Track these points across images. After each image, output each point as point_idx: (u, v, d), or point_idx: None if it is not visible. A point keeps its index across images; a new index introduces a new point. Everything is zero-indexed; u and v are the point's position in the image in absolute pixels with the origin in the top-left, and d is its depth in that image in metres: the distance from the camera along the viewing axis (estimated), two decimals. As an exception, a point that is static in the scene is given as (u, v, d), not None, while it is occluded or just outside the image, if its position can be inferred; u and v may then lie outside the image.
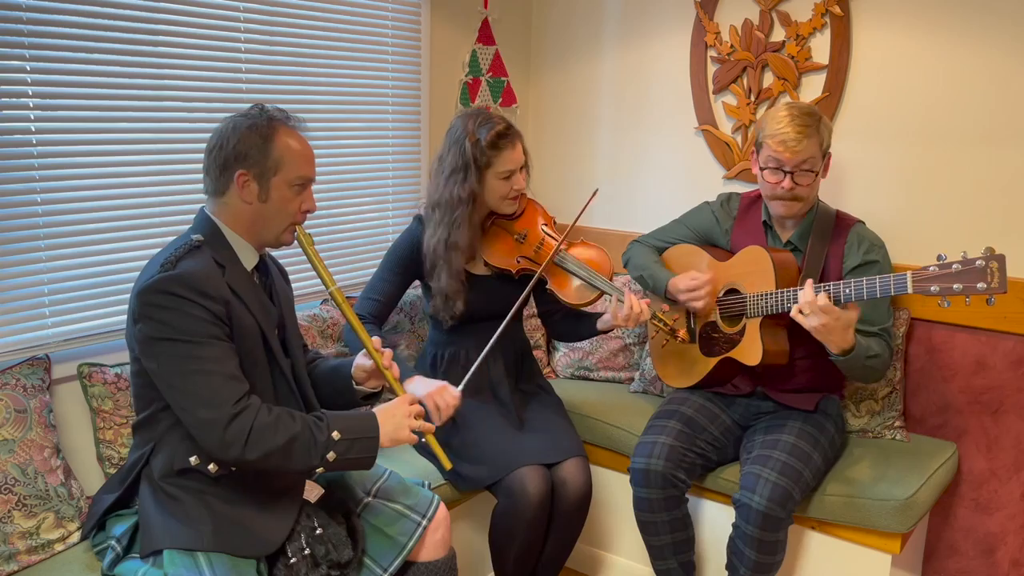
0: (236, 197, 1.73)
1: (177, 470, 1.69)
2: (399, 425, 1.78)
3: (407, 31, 2.90)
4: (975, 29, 2.44)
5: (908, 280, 1.94)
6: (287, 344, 1.87)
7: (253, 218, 1.75)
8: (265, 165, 1.71)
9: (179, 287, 1.60)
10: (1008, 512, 2.53)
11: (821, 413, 2.34)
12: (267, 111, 1.76)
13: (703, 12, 2.90)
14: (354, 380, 1.94)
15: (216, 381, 1.61)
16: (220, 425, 1.59)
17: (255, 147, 1.70)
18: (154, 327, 1.61)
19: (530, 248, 2.36)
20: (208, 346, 1.61)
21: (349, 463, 1.73)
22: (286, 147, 1.73)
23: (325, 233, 2.73)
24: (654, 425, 2.36)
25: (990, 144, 2.46)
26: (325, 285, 1.84)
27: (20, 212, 1.99)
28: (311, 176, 1.79)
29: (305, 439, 1.66)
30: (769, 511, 2.08)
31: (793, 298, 2.14)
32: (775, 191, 2.25)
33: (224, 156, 1.71)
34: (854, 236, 2.30)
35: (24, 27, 1.95)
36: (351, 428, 1.72)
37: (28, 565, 1.82)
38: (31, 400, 1.92)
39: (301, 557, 1.75)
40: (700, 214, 2.57)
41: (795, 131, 2.17)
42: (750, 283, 2.29)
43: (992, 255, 1.85)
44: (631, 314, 2.21)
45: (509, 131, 2.28)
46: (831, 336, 2.02)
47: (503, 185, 2.29)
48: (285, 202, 1.75)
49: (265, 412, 1.64)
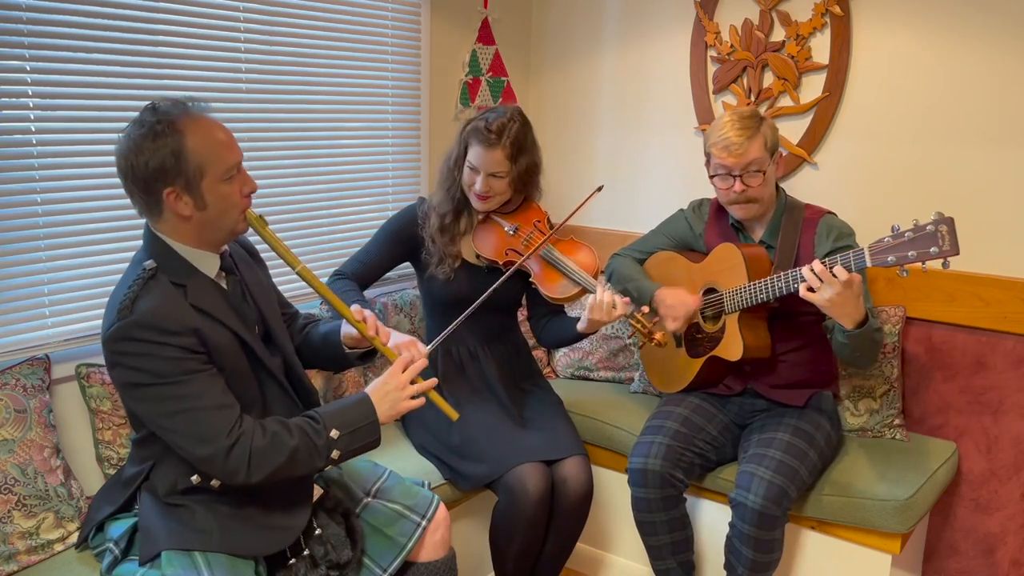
0: (172, 215, 1.61)
1: (180, 490, 1.68)
2: (395, 399, 1.74)
3: (407, 31, 2.90)
4: (975, 29, 2.44)
5: (866, 253, 1.96)
6: (272, 336, 1.84)
7: (199, 228, 1.64)
8: (188, 173, 1.56)
9: (140, 331, 1.53)
10: (1008, 512, 2.53)
11: (815, 410, 2.34)
12: (160, 111, 1.58)
13: (703, 12, 2.90)
14: (345, 346, 1.91)
15: (203, 417, 1.57)
16: (219, 458, 1.57)
17: (168, 160, 1.55)
18: (128, 374, 1.57)
19: (519, 241, 2.38)
20: (186, 383, 1.57)
21: (355, 453, 1.72)
22: (201, 144, 1.57)
23: (325, 233, 2.73)
24: (651, 425, 2.36)
25: (990, 144, 2.46)
26: (291, 266, 1.74)
27: (20, 212, 2.00)
28: (238, 159, 1.64)
29: (306, 448, 1.64)
30: (765, 509, 2.08)
31: (764, 288, 2.17)
32: (728, 196, 2.28)
33: (141, 178, 1.56)
34: (823, 226, 2.32)
35: (24, 27, 1.95)
36: (348, 421, 1.70)
37: (28, 565, 1.82)
38: (31, 400, 1.92)
39: (300, 558, 1.75)
40: (675, 222, 2.58)
41: (736, 135, 2.21)
42: (725, 280, 2.32)
43: (942, 219, 1.87)
44: (600, 304, 2.19)
45: (491, 135, 2.26)
46: (845, 307, 1.99)
47: (468, 175, 2.34)
48: (224, 198, 1.62)
49: (260, 434, 1.61)
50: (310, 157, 2.65)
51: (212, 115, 1.64)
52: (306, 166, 2.64)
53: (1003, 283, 2.45)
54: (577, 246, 2.37)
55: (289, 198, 2.61)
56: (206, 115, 1.63)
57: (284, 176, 2.59)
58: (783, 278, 2.15)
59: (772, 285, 2.17)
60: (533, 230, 2.38)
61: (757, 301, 2.21)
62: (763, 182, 2.25)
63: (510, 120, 2.28)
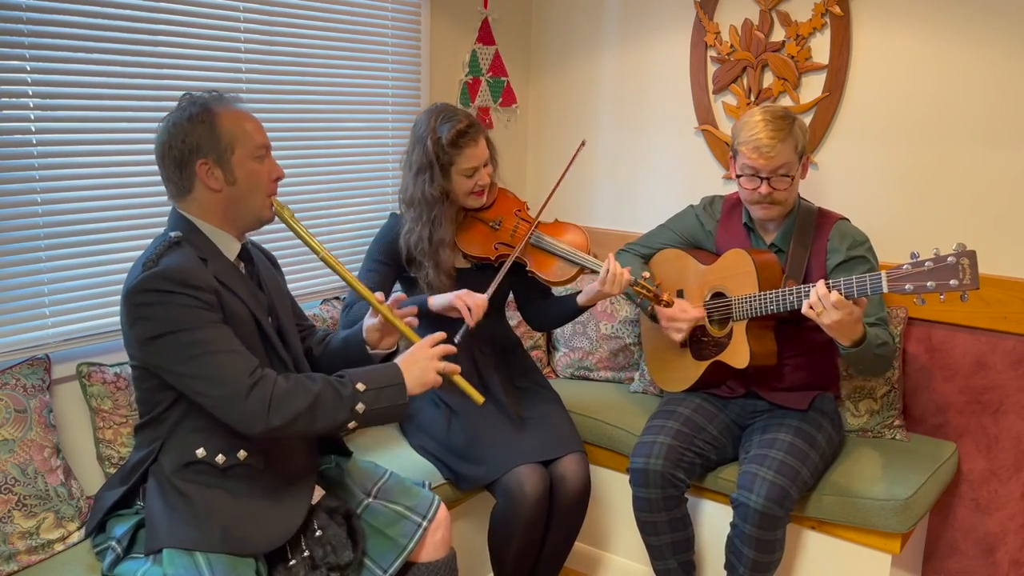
0: (203, 189, 1.70)
1: (185, 463, 1.69)
2: (424, 368, 1.76)
3: (407, 31, 2.90)
4: (975, 29, 2.44)
5: (883, 280, 1.96)
6: (284, 334, 1.86)
7: (227, 204, 1.73)
8: (220, 148, 1.68)
9: (165, 282, 1.59)
10: (1008, 512, 2.53)
11: (817, 411, 2.34)
12: (197, 99, 1.72)
13: (703, 12, 2.90)
14: (368, 345, 1.92)
15: (224, 359, 1.61)
16: (239, 399, 1.59)
17: (203, 135, 1.67)
18: (149, 326, 1.61)
19: (506, 233, 2.38)
20: (207, 329, 1.61)
21: (380, 414, 1.72)
22: (232, 123, 1.70)
23: (326, 233, 2.73)
24: (652, 425, 2.36)
25: (990, 144, 2.46)
26: (315, 252, 1.81)
27: (20, 212, 1.99)
28: (267, 143, 1.76)
29: (329, 396, 1.65)
30: (766, 510, 2.08)
31: (791, 298, 2.15)
32: (753, 196, 2.26)
33: (177, 156, 1.68)
34: (836, 233, 2.30)
35: (24, 27, 1.95)
36: (375, 379, 1.71)
37: (28, 565, 1.82)
38: (31, 400, 1.92)
39: (300, 559, 1.74)
40: (685, 218, 2.57)
41: (768, 137, 2.17)
42: (734, 286, 2.30)
43: (963, 251, 1.87)
44: (610, 276, 2.21)
45: (470, 129, 2.29)
46: (843, 330, 2.02)
47: (467, 182, 2.33)
48: (253, 175, 1.73)
49: (283, 379, 1.64)
50: (310, 157, 2.65)
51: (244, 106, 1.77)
52: (306, 166, 2.64)
53: (1003, 283, 2.45)
54: (563, 227, 2.39)
55: (289, 198, 2.60)
56: (237, 105, 1.75)
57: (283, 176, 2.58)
58: (793, 293, 2.14)
59: (783, 299, 2.15)
60: (517, 220, 2.39)
61: (767, 311, 2.19)
62: (790, 186, 2.23)
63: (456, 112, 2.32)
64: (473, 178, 2.32)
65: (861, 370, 2.23)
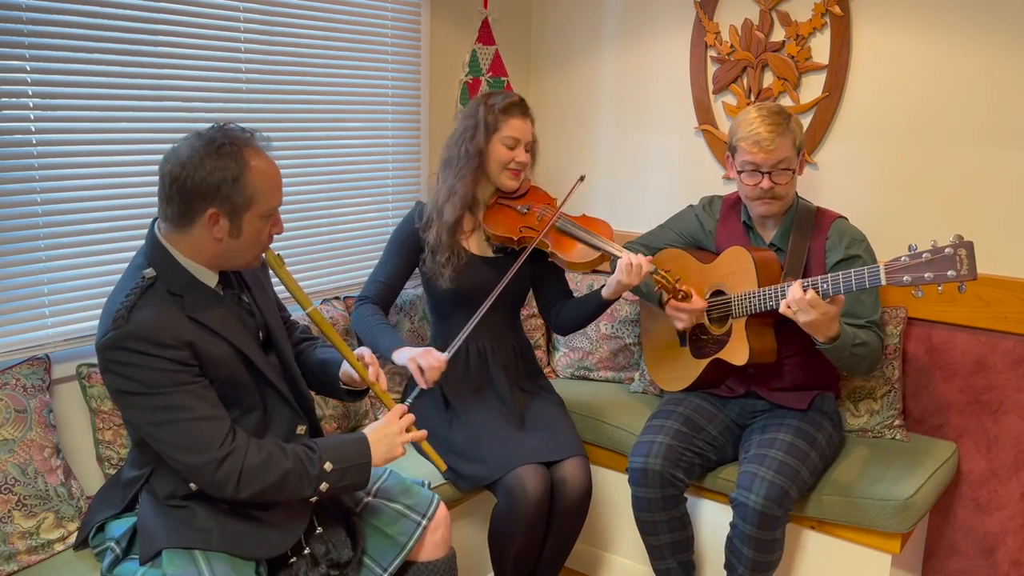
0: (204, 234, 1.62)
1: (181, 496, 1.69)
2: (392, 444, 1.78)
3: (407, 31, 2.90)
4: (974, 29, 2.44)
5: (881, 272, 1.96)
6: (273, 339, 1.84)
7: (220, 252, 1.65)
8: (238, 201, 1.59)
9: (134, 342, 1.54)
10: (1008, 512, 2.53)
11: (817, 411, 2.34)
12: (231, 133, 1.61)
13: (703, 12, 2.90)
14: (341, 381, 1.93)
15: (195, 428, 1.58)
16: (209, 469, 1.58)
17: (227, 182, 1.56)
18: (119, 381, 1.58)
19: (532, 218, 2.41)
20: (177, 395, 1.57)
21: (341, 489, 1.74)
22: (259, 178, 1.60)
23: (325, 233, 2.73)
24: (652, 425, 2.36)
25: (989, 144, 2.46)
26: (302, 307, 1.78)
27: (20, 212, 1.99)
28: (280, 202, 1.69)
29: (297, 473, 1.66)
30: (766, 510, 2.08)
31: (775, 295, 2.17)
32: (754, 192, 2.27)
33: (190, 188, 1.56)
34: (835, 231, 2.31)
35: (24, 27, 1.95)
36: (343, 457, 1.71)
37: (28, 565, 1.82)
38: (31, 400, 1.92)
39: (301, 557, 1.75)
40: (685, 217, 2.58)
41: (767, 131, 2.19)
42: (734, 283, 2.31)
43: (961, 242, 1.87)
44: (630, 266, 2.24)
45: (523, 104, 2.38)
46: (818, 328, 2.06)
47: (505, 152, 2.34)
48: (256, 234, 1.66)
49: (255, 450, 1.63)
50: (310, 157, 2.65)
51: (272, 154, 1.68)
52: (306, 166, 2.64)
53: (1003, 283, 2.45)
54: (591, 219, 2.43)
55: (289, 198, 2.61)
56: (267, 149, 1.67)
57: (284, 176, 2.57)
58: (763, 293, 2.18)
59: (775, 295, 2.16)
60: (545, 208, 2.42)
61: (767, 308, 2.20)
62: (790, 180, 2.25)
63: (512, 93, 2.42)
64: (513, 151, 2.34)
65: (841, 367, 2.24)
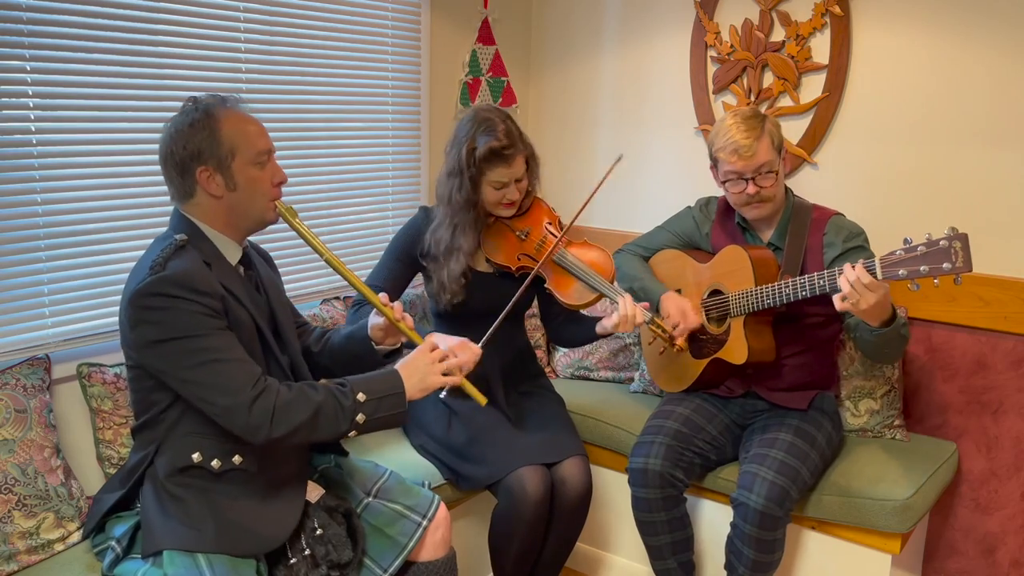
0: (204, 195, 1.70)
1: (180, 468, 1.69)
2: (424, 374, 1.78)
3: (407, 31, 2.90)
4: (974, 29, 2.44)
5: (877, 265, 1.94)
6: (282, 335, 1.86)
7: (228, 210, 1.72)
8: (220, 154, 1.67)
9: (172, 287, 1.59)
10: (1008, 512, 2.53)
11: (817, 411, 2.34)
12: (201, 102, 1.71)
13: (703, 12, 2.90)
14: (373, 341, 1.93)
15: (229, 368, 1.61)
16: (243, 409, 1.60)
17: (203, 141, 1.66)
18: (155, 330, 1.60)
19: (531, 246, 2.33)
20: (213, 336, 1.61)
21: (380, 422, 1.73)
22: (234, 129, 1.69)
23: (326, 233, 2.73)
24: (652, 425, 2.36)
25: (990, 144, 2.46)
26: (319, 254, 1.80)
27: (20, 212, 2.00)
28: (269, 147, 1.75)
29: (331, 407, 1.67)
30: (767, 510, 2.08)
31: (771, 293, 2.16)
32: (742, 199, 2.26)
33: (178, 160, 1.68)
34: (832, 228, 2.30)
35: (24, 27, 1.95)
36: (375, 388, 1.72)
37: (28, 565, 1.82)
38: (31, 400, 1.92)
39: (301, 557, 1.75)
40: (682, 219, 2.57)
41: (744, 137, 2.18)
42: (731, 282, 2.31)
43: (955, 235, 1.86)
44: (625, 319, 2.19)
45: (506, 150, 2.19)
46: (878, 311, 1.97)
47: (495, 193, 2.26)
48: (254, 182, 1.72)
49: (286, 389, 1.65)
50: (310, 157, 2.65)
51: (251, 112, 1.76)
52: (306, 166, 2.64)
53: (1003, 283, 2.45)
54: (590, 248, 2.33)
55: (289, 198, 2.60)
56: (240, 108, 1.74)
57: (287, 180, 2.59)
58: (797, 284, 2.13)
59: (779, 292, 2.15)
60: (545, 233, 2.34)
61: (764, 306, 2.20)
62: (775, 181, 2.24)
63: (504, 121, 2.22)
64: (502, 191, 2.26)
65: (881, 355, 2.18)
